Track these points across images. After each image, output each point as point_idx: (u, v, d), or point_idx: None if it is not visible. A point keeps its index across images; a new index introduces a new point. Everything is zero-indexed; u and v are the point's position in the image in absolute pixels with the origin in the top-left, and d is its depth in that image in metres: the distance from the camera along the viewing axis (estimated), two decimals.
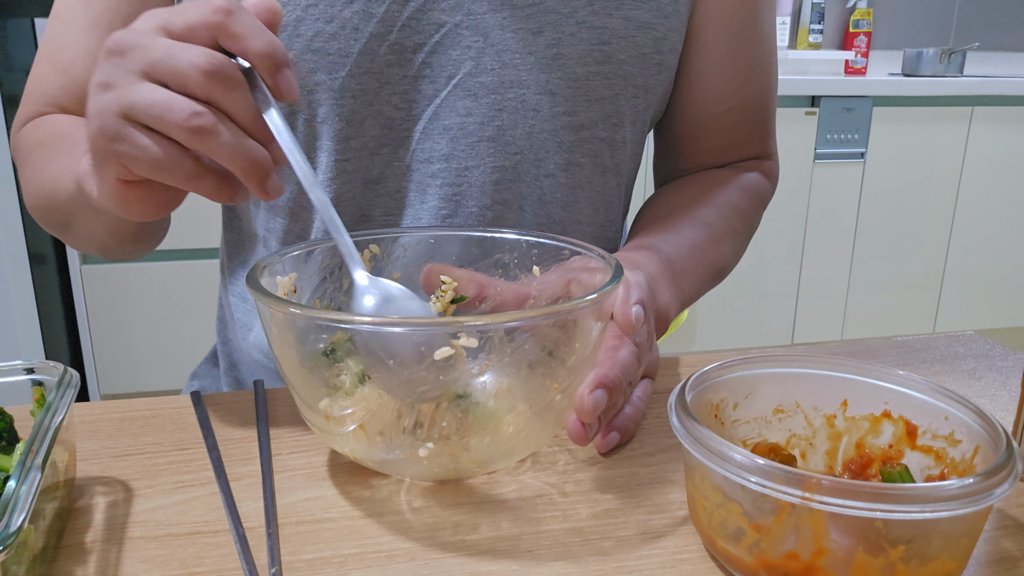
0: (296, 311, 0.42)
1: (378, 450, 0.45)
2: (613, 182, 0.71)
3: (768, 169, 0.80)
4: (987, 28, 2.99)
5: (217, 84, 0.41)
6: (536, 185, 0.66)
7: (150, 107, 0.41)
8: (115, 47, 0.43)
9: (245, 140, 0.42)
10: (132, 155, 0.42)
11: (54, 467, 0.42)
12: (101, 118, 0.42)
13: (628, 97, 0.67)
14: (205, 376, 0.82)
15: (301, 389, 0.46)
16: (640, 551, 0.42)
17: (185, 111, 0.41)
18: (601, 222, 0.72)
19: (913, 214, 2.51)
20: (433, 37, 0.61)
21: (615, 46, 0.64)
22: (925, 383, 0.44)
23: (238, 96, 0.42)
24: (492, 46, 0.62)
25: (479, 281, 0.53)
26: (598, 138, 0.67)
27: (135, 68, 0.42)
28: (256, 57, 0.42)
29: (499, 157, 0.64)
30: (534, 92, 0.63)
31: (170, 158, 0.42)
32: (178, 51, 0.41)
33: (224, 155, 0.42)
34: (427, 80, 0.62)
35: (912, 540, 0.35)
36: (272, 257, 0.50)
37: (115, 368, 2.06)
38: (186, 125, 0.41)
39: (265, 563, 0.41)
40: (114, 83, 0.42)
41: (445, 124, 0.63)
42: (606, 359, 0.48)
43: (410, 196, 0.65)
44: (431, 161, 0.64)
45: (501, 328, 0.43)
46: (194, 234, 1.94)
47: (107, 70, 0.43)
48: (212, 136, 0.41)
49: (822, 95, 2.30)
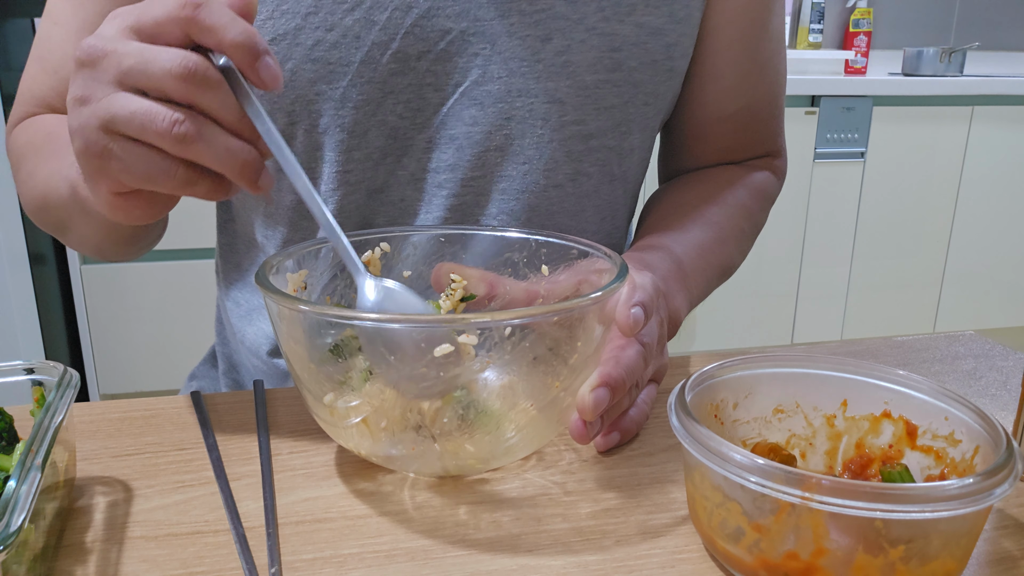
0: (305, 308, 0.42)
1: (382, 445, 0.45)
2: (620, 190, 0.70)
3: (777, 166, 0.79)
4: (987, 28, 2.99)
5: (195, 87, 0.40)
6: (544, 196, 0.65)
7: (130, 119, 0.40)
8: (85, 57, 0.41)
9: (231, 141, 0.41)
10: (122, 170, 0.42)
11: (54, 467, 0.42)
12: (84, 135, 0.41)
13: (638, 105, 0.66)
14: (203, 377, 0.81)
15: (309, 384, 0.46)
16: (640, 550, 0.42)
17: (166, 119, 0.40)
18: (608, 230, 0.71)
19: (913, 214, 2.51)
20: (438, 45, 0.60)
21: (626, 53, 0.63)
22: (925, 383, 0.44)
23: (218, 96, 0.41)
24: (499, 53, 0.60)
25: (489, 280, 0.53)
26: (607, 147, 0.66)
27: (109, 78, 0.41)
28: (231, 49, 0.40)
29: (506, 167, 0.63)
30: (542, 101, 0.62)
31: (160, 168, 0.41)
32: (150, 56, 0.40)
33: (212, 159, 0.41)
34: (432, 88, 0.61)
35: (912, 540, 0.35)
36: (281, 254, 0.50)
37: (115, 368, 2.06)
38: (170, 134, 0.40)
39: (265, 563, 0.41)
40: (90, 96, 0.41)
41: (451, 134, 0.62)
42: (611, 359, 0.48)
43: (415, 206, 0.64)
44: (437, 171, 0.63)
45: (503, 325, 0.43)
46: (194, 234, 1.94)
47: (81, 83, 0.42)
48: (197, 142, 0.40)
49: (822, 95, 2.30)
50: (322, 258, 0.54)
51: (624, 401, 0.50)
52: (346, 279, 0.54)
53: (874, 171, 2.42)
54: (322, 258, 0.54)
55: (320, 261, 0.53)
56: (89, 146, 0.42)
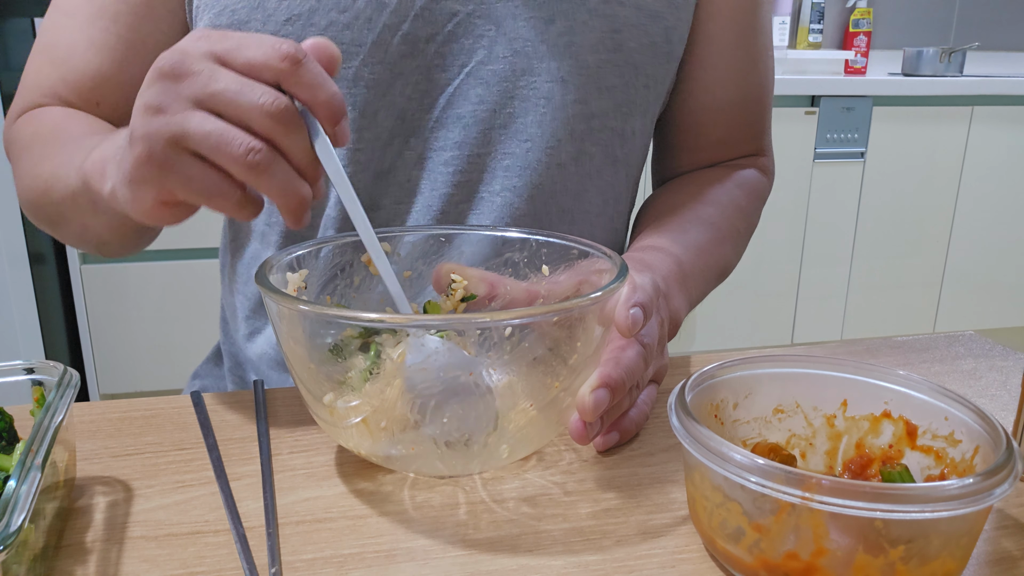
0: (305, 307, 0.42)
1: (382, 445, 0.45)
2: (622, 174, 0.71)
3: (764, 165, 0.81)
4: (987, 28, 2.99)
5: (279, 126, 0.41)
6: (547, 174, 0.66)
7: (206, 137, 0.40)
8: (169, 70, 0.42)
9: (297, 180, 0.42)
10: (179, 184, 0.42)
11: (54, 467, 0.42)
12: (150, 143, 0.42)
13: (638, 87, 0.67)
14: (207, 375, 0.82)
15: (309, 384, 0.46)
16: (640, 550, 0.42)
17: (243, 145, 0.40)
18: (610, 215, 0.72)
19: (913, 214, 2.51)
20: (446, 27, 0.61)
21: (626, 35, 0.65)
22: (925, 383, 0.44)
23: (297, 139, 0.42)
24: (505, 35, 0.62)
25: (489, 280, 0.53)
26: (609, 128, 0.67)
27: (190, 95, 0.41)
28: (320, 108, 0.42)
29: (510, 144, 0.64)
30: (546, 80, 0.63)
31: (219, 189, 0.42)
32: (244, 87, 0.41)
33: (274, 192, 0.42)
34: (440, 70, 0.63)
35: (912, 540, 0.35)
36: (281, 254, 0.50)
37: (115, 368, 2.06)
38: (244, 160, 0.40)
39: (265, 563, 0.41)
40: (166, 108, 0.41)
41: (458, 112, 0.63)
42: (611, 359, 0.48)
43: (422, 184, 0.65)
44: (443, 149, 0.64)
45: (502, 325, 0.43)
46: (194, 234, 1.94)
47: (158, 93, 0.42)
48: (267, 174, 0.41)
49: (822, 95, 2.30)
50: (322, 258, 0.54)
51: (624, 402, 0.50)
52: (346, 279, 0.55)
53: (874, 171, 2.42)
54: (322, 258, 0.54)
55: (320, 261, 0.53)
56: (153, 155, 0.42)
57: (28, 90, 0.68)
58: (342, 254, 0.54)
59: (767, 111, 0.79)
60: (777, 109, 2.27)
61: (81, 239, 0.65)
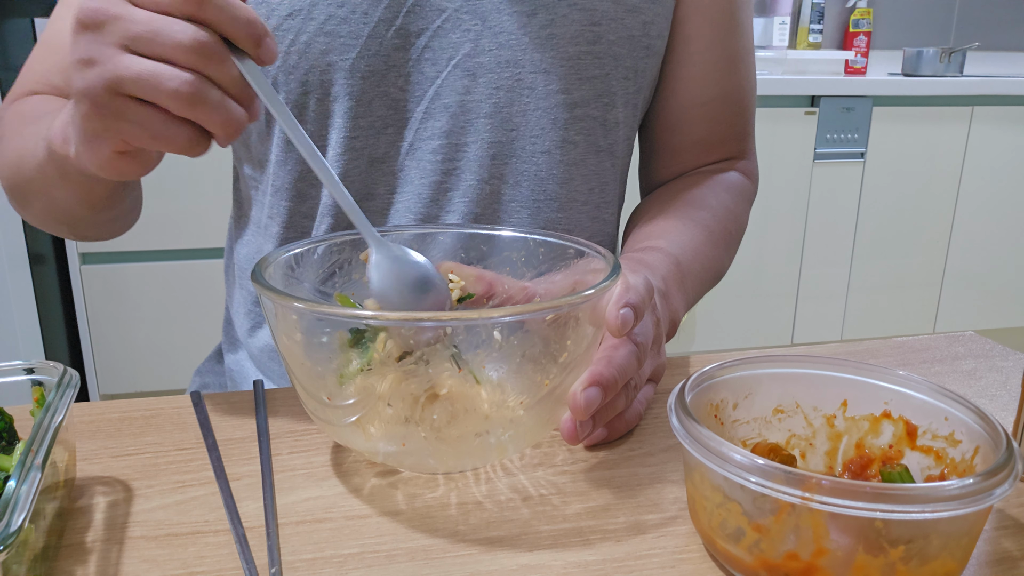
0: (300, 305, 0.42)
1: (375, 442, 0.45)
2: (607, 162, 0.73)
3: (747, 169, 0.81)
4: (987, 28, 2.99)
5: (202, 59, 0.42)
6: (532, 161, 0.68)
7: (137, 79, 0.41)
8: (88, 20, 0.42)
9: (231, 105, 0.43)
10: (131, 130, 0.43)
11: (54, 467, 0.42)
12: (91, 96, 0.42)
13: (619, 78, 0.70)
14: (209, 373, 0.82)
15: (304, 381, 0.46)
16: (640, 550, 0.42)
17: (176, 79, 0.41)
18: (597, 202, 0.74)
19: (913, 214, 2.51)
20: (435, 22, 0.64)
21: (605, 27, 0.67)
22: (925, 383, 0.44)
23: (223, 68, 0.43)
24: (490, 28, 0.65)
25: (487, 279, 0.53)
26: (591, 116, 0.70)
27: (114, 40, 0.42)
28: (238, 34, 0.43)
29: (496, 133, 0.67)
30: (529, 71, 0.66)
31: (166, 129, 0.43)
32: (161, 26, 0.41)
33: (214, 121, 0.43)
34: (429, 63, 0.65)
35: (912, 540, 0.35)
36: (278, 252, 0.50)
37: (115, 368, 2.06)
38: (177, 95, 0.41)
39: (265, 563, 0.41)
40: (96, 58, 0.42)
41: (445, 103, 0.66)
42: (603, 358, 0.48)
43: (411, 173, 0.68)
44: (432, 137, 0.67)
45: (492, 323, 0.43)
46: (194, 234, 1.94)
47: (84, 45, 0.43)
48: (202, 105, 0.42)
49: (822, 95, 2.30)
50: (320, 257, 0.54)
51: (619, 402, 0.50)
52: (344, 277, 0.55)
53: (874, 171, 2.42)
54: (320, 257, 0.54)
55: (316, 260, 0.53)
56: (97, 107, 0.43)
57: (24, 78, 0.70)
58: (339, 252, 0.54)
59: (749, 113, 0.80)
60: (777, 109, 2.27)
61: (49, 213, 0.66)
